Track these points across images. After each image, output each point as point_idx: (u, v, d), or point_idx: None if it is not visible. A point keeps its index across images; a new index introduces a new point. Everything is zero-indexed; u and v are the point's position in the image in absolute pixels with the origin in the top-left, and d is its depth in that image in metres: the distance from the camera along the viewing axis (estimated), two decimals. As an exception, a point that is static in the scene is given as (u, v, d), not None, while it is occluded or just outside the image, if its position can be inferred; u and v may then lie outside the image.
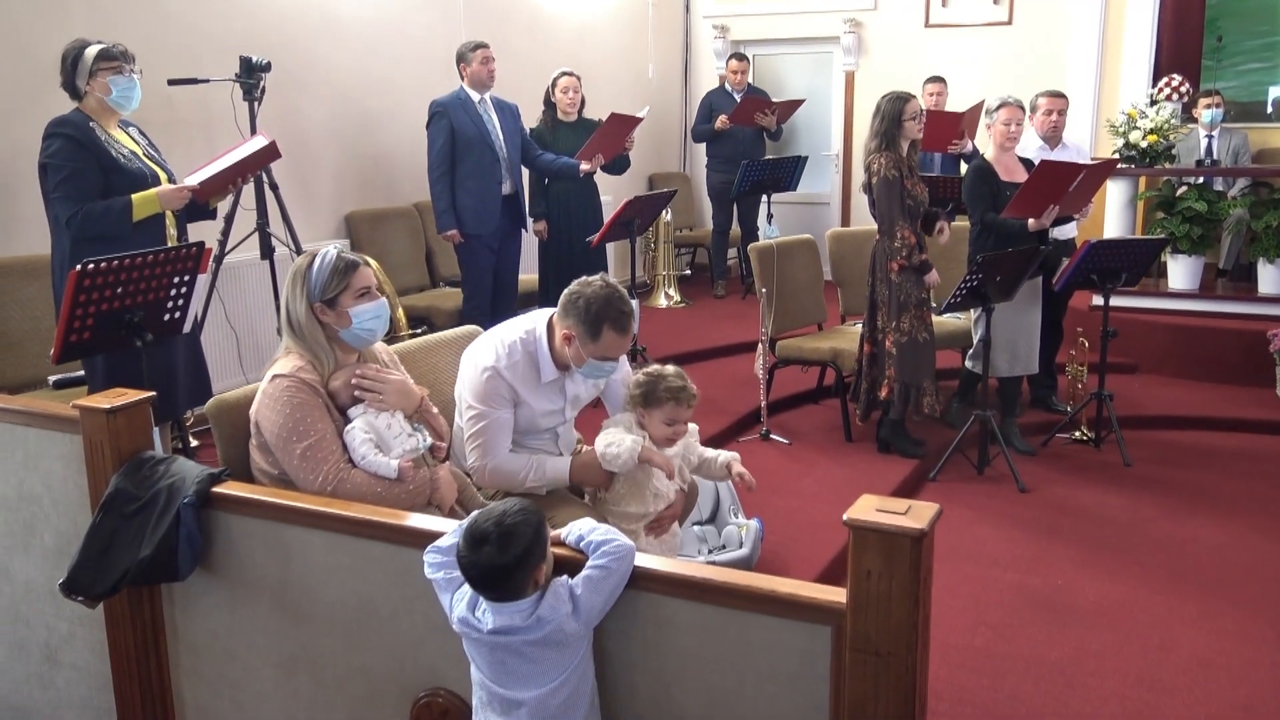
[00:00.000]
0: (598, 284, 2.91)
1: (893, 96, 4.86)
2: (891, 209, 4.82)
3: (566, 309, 2.92)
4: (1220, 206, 6.51)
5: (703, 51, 9.58)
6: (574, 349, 2.95)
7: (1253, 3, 8.60)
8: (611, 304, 2.88)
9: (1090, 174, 4.99)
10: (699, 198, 9.48)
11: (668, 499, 3.11)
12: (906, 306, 4.88)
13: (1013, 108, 5.24)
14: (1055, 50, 8.25)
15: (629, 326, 2.94)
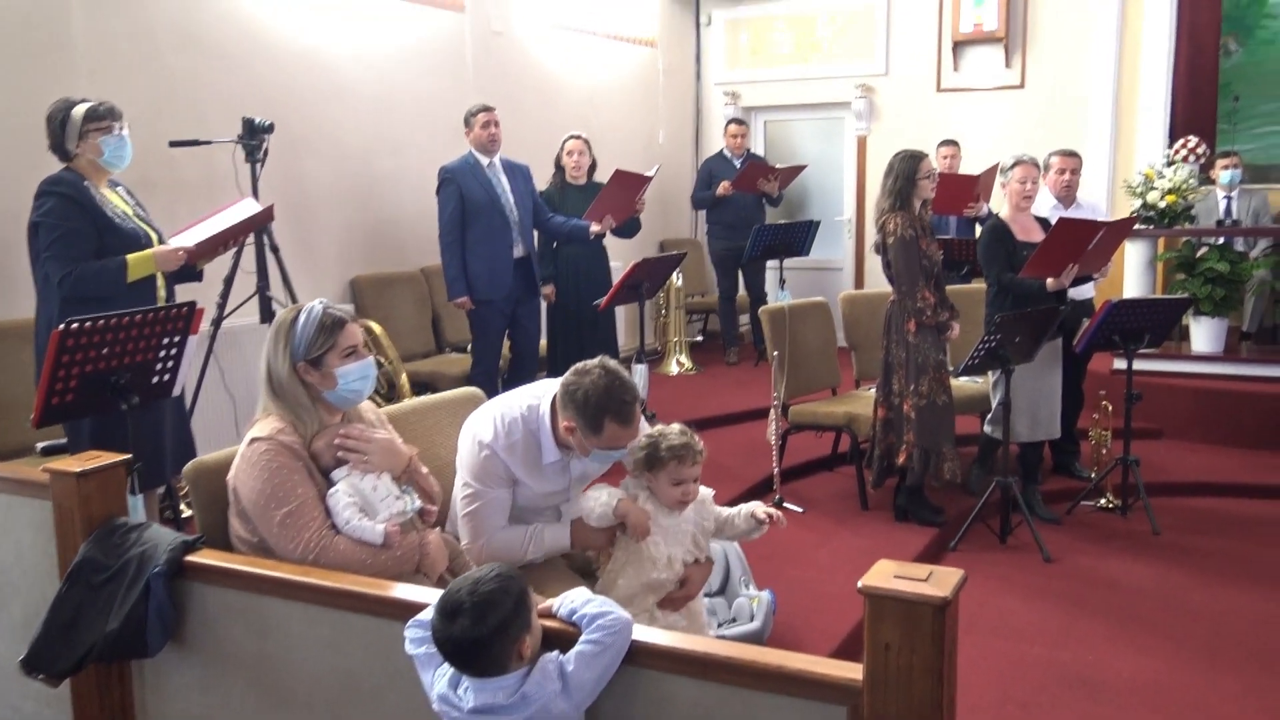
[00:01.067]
0: (596, 373, 2.75)
1: (906, 155, 4.78)
2: (910, 269, 4.71)
3: (565, 401, 2.77)
4: (1242, 267, 6.38)
5: (714, 117, 9.58)
6: (577, 439, 2.81)
7: (1268, 67, 8.57)
8: (612, 395, 2.72)
9: (1109, 232, 4.87)
10: (710, 264, 9.39)
11: (674, 569, 2.93)
12: (925, 369, 4.74)
13: (1028, 166, 5.14)
14: (1069, 112, 8.19)
15: (634, 415, 2.78)
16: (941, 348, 4.80)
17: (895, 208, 4.76)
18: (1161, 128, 7.87)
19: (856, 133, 9.13)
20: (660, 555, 2.91)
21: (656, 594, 2.90)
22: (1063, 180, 5.59)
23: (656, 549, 2.91)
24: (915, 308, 4.72)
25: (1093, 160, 7.94)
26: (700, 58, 9.62)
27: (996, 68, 8.54)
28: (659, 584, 2.90)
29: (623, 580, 2.89)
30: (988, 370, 4.93)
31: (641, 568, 2.88)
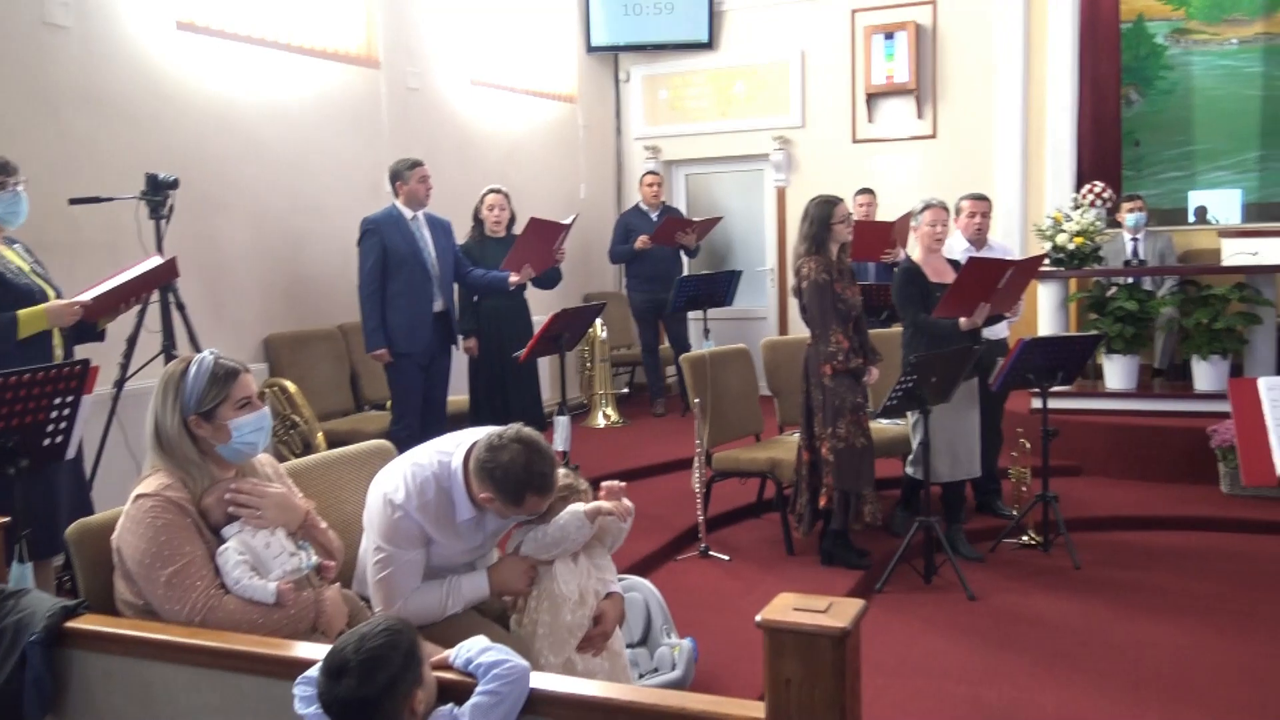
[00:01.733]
0: (514, 448, 2.67)
1: (820, 200, 4.82)
2: (824, 313, 4.73)
3: (481, 475, 2.70)
4: (1150, 306, 6.52)
5: (635, 171, 9.61)
6: (496, 507, 2.75)
7: (1168, 116, 8.89)
8: (531, 470, 2.67)
9: (1018, 270, 4.95)
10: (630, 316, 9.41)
11: (587, 605, 2.87)
12: (842, 411, 4.74)
13: (937, 209, 5.23)
14: (980, 159, 8.38)
15: (554, 482, 2.74)
16: (859, 390, 4.80)
17: (811, 252, 4.79)
18: (1068, 173, 8.09)
19: (776, 184, 9.24)
20: (571, 592, 2.86)
21: (575, 635, 2.85)
22: (973, 223, 5.69)
23: (566, 586, 2.86)
24: (829, 352, 4.73)
25: (1004, 204, 8.13)
26: (620, 113, 9.69)
27: (909, 118, 8.72)
28: (576, 624, 2.85)
29: (543, 629, 2.83)
30: (906, 411, 4.95)
31: (557, 611, 2.83)
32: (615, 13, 9.25)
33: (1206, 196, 8.80)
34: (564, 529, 2.87)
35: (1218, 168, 8.81)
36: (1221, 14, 8.72)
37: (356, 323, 5.76)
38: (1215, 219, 8.65)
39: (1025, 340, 4.99)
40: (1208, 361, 6.37)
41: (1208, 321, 6.30)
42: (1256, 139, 8.66)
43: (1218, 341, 6.31)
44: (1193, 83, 8.83)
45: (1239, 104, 8.70)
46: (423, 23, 7.28)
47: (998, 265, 4.93)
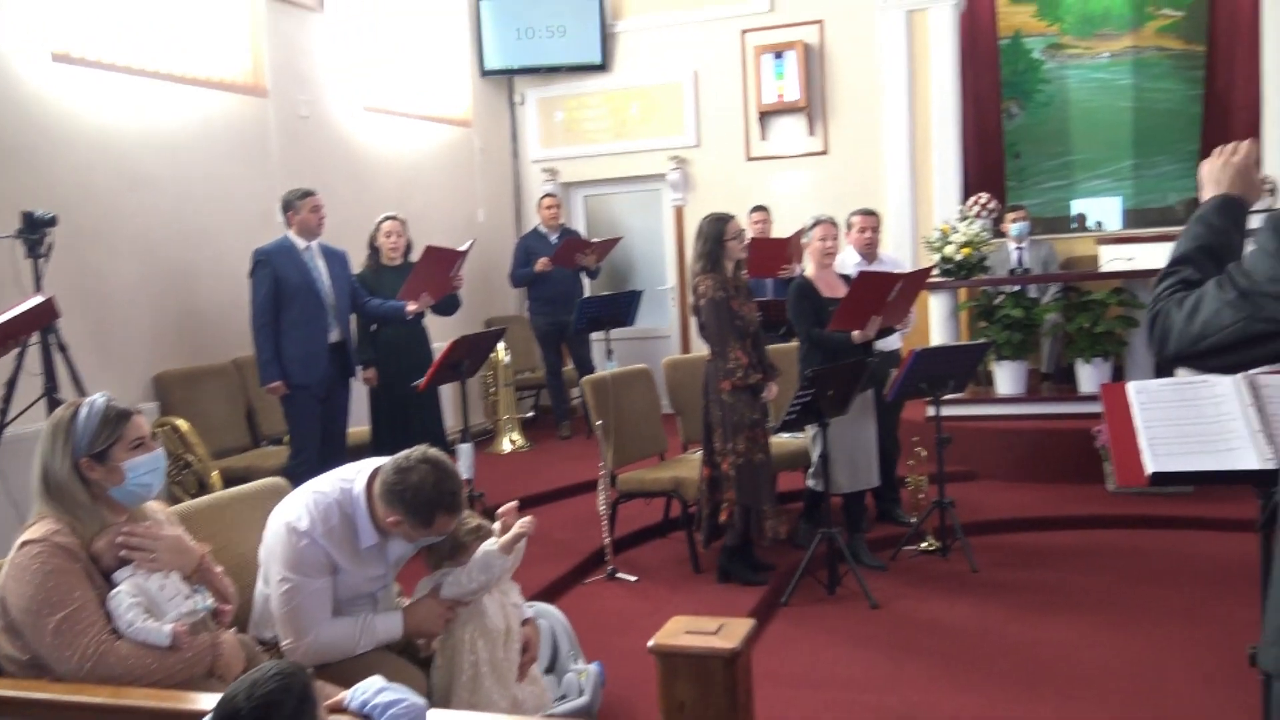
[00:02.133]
0: (422, 469, 2.70)
1: (712, 218, 4.90)
2: (721, 330, 4.80)
3: (391, 499, 2.71)
4: (1036, 313, 6.77)
5: (533, 194, 9.62)
6: (403, 530, 2.75)
7: (1047, 128, 9.25)
8: (441, 489, 2.70)
9: (907, 282, 5.10)
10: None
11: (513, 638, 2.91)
12: (741, 427, 4.82)
13: (827, 225, 5.36)
14: (870, 174, 8.61)
15: (462, 502, 2.77)
16: (758, 406, 4.88)
17: (706, 270, 4.86)
18: (955, 186, 8.36)
19: (673, 203, 9.36)
20: (499, 626, 2.89)
21: (515, 667, 2.89)
22: (864, 238, 5.85)
23: (496, 621, 2.88)
24: (727, 368, 4.80)
25: (894, 218, 8.36)
26: (516, 136, 9.71)
27: (801, 136, 8.92)
28: (512, 657, 2.89)
29: (485, 667, 2.85)
30: (805, 425, 5.05)
31: (494, 646, 2.86)
32: (508, 37, 9.28)
33: (1088, 205, 9.19)
34: (487, 565, 2.88)
35: (1095, 176, 9.19)
36: (1093, 29, 9.11)
37: (251, 356, 5.66)
38: (1097, 225, 9.02)
39: (917, 351, 5.14)
40: (1091, 364, 6.63)
41: (1089, 326, 6.56)
42: (1130, 148, 9.06)
43: (1099, 345, 6.57)
44: (1069, 95, 9.21)
45: (1112, 115, 9.10)
46: (312, 50, 7.20)
47: (887, 279, 5.07)
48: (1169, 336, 1.73)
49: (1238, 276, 1.69)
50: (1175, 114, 8.96)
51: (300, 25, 7.10)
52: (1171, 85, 8.98)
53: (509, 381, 8.13)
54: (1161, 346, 1.75)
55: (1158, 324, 1.76)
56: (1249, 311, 1.65)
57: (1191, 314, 1.71)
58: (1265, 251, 1.67)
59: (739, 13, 8.96)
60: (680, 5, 9.11)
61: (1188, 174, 8.85)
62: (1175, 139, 8.94)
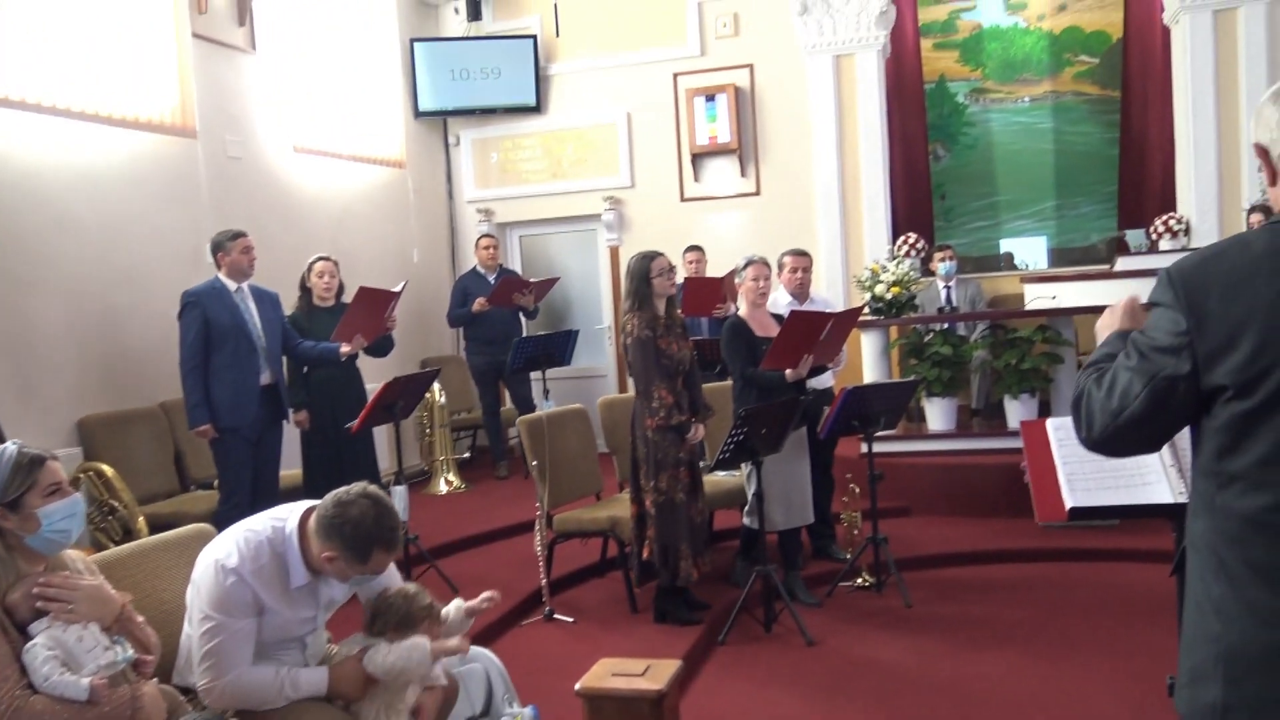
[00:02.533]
0: (362, 503, 2.70)
1: (639, 256, 4.93)
2: (646, 369, 4.82)
3: (328, 532, 2.69)
4: (964, 350, 6.90)
5: (468, 235, 9.64)
6: (338, 567, 2.72)
7: (972, 169, 9.48)
8: (381, 525, 2.69)
9: (838, 322, 5.17)
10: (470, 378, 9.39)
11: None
12: (664, 466, 4.83)
13: (759, 265, 5.42)
14: (802, 215, 8.75)
15: (399, 540, 2.77)
16: (682, 445, 4.87)
17: (635, 308, 4.88)
18: (884, 226, 8.53)
19: (608, 243, 9.42)
20: (410, 698, 2.86)
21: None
22: (795, 278, 5.93)
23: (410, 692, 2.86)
24: (652, 407, 4.81)
25: (825, 257, 8.50)
26: (451, 177, 9.72)
27: (733, 177, 9.04)
28: None
29: None
30: (740, 463, 5.08)
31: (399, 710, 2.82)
32: (442, 78, 9.31)
33: (1015, 244, 9.41)
34: (407, 659, 2.81)
35: (1020, 216, 9.43)
36: (1014, 74, 9.39)
37: (179, 399, 5.55)
38: (1024, 265, 9.23)
39: (849, 389, 5.20)
40: (1018, 400, 6.76)
41: (1016, 362, 6.70)
42: (1052, 189, 9.32)
43: (1026, 381, 6.71)
44: (993, 138, 9.46)
45: (1034, 157, 9.36)
46: (243, 90, 7.16)
47: (818, 318, 5.15)
48: (1093, 418, 1.76)
49: (1138, 339, 1.73)
50: (1093, 156, 9.24)
51: (230, 65, 7.05)
52: (1089, 129, 9.28)
53: (445, 423, 8.07)
54: (1088, 431, 1.78)
55: (1082, 407, 1.79)
56: (1153, 370, 1.69)
57: (1110, 390, 1.74)
58: (1159, 306, 1.71)
59: (671, 56, 9.09)
60: (613, 48, 9.22)
61: (1107, 214, 9.14)
62: (1094, 180, 9.22)
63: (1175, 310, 1.66)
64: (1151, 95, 8.78)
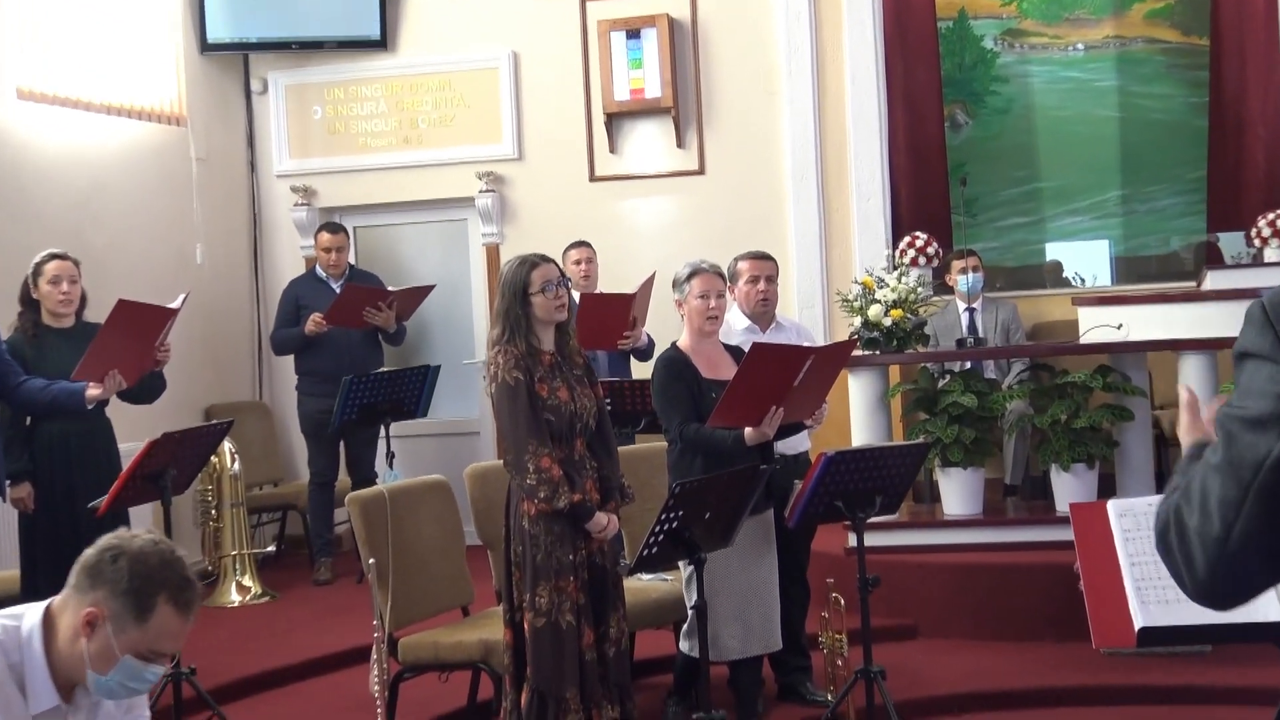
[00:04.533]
0: (142, 539, 2.71)
1: (516, 263, 4.87)
2: (517, 427, 4.74)
3: (94, 577, 2.66)
4: (994, 400, 6.96)
5: (279, 224, 9.54)
6: (99, 641, 2.66)
7: (1006, 142, 9.62)
8: (170, 567, 2.68)
9: (820, 359, 5.16)
10: (287, 435, 9.23)
11: None
12: (545, 573, 4.72)
13: (708, 276, 5.41)
14: (767, 205, 8.83)
15: (193, 604, 2.73)
16: (577, 541, 4.79)
17: (505, 339, 4.81)
18: (881, 222, 8.65)
19: (485, 240, 9.40)
20: None
21: None
22: (755, 292, 5.93)
23: None
24: (526, 484, 4.72)
25: (799, 267, 8.58)
26: (254, 139, 9.64)
27: (666, 148, 9.10)
28: None
29: None
30: (674, 562, 5.03)
31: None
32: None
33: (1066, 250, 9.57)
34: None
35: (1072, 211, 9.62)
36: (1062, 11, 9.61)
37: None
38: (1078, 279, 9.39)
39: (830, 455, 5.19)
40: (1070, 472, 6.83)
41: (1066, 419, 6.78)
42: (1116, 174, 9.52)
43: (1081, 445, 6.79)
44: (1033, 99, 9.67)
45: (1092, 128, 9.57)
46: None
47: (792, 354, 5.14)
48: (1192, 555, 1.71)
49: (1227, 417, 1.69)
50: (1173, 128, 9.47)
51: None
52: (1167, 89, 9.50)
53: (239, 500, 7.96)
54: (1190, 576, 1.72)
55: (1173, 542, 1.74)
56: (1252, 458, 1.64)
57: (1203, 507, 1.69)
58: (1251, 359, 1.68)
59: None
60: (496, -42, 9.27)
61: (1193, 210, 9.31)
62: (1175, 162, 9.43)
63: (1276, 362, 1.65)
64: (1252, 45, 8.97)
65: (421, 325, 9.49)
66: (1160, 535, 1.77)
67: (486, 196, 9.27)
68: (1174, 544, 1.73)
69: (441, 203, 9.49)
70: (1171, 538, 1.73)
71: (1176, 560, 1.74)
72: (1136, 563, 2.45)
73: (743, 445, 5.10)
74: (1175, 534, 1.73)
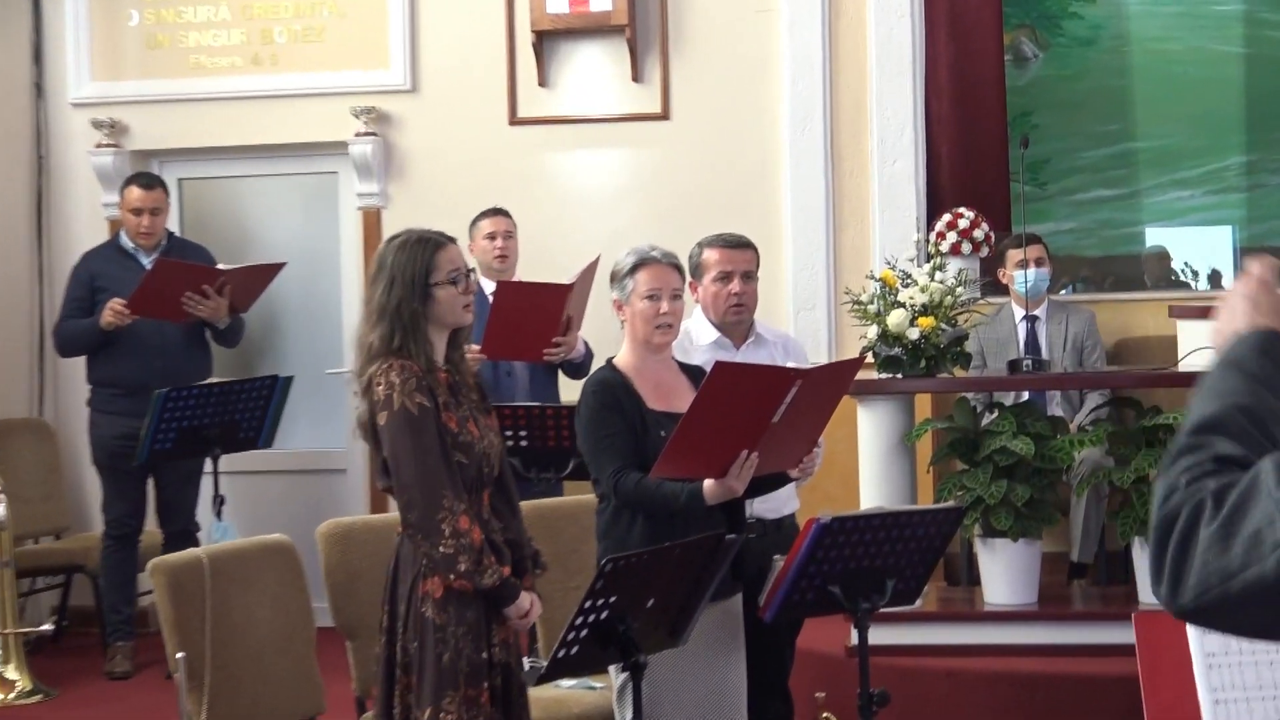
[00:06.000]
0: None
1: (413, 239, 4.87)
2: (426, 475, 4.74)
3: None
4: (1058, 446, 6.97)
5: (74, 172, 9.52)
6: None
7: (1086, 85, 9.62)
8: None
9: (812, 386, 5.13)
10: (75, 468, 9.22)
11: None
12: (453, 678, 4.75)
13: (659, 268, 5.36)
14: (752, 165, 8.86)
15: None
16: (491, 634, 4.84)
17: (390, 349, 4.82)
18: (913, 192, 8.68)
19: (361, 202, 9.41)
20: None
21: None
22: (727, 293, 5.92)
23: None
24: (439, 553, 4.74)
25: (795, 253, 8.61)
26: (41, 53, 9.64)
27: (617, 82, 9.13)
28: None
29: None
30: (600, 666, 5.04)
31: None
32: None
33: (1172, 237, 9.56)
34: None
35: (1178, 184, 9.62)
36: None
37: None
38: (1189, 274, 9.39)
39: (824, 521, 5.20)
40: (1160, 548, 6.88)
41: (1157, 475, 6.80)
42: (1240, 133, 9.52)
43: (1177, 512, 6.83)
44: (1128, 26, 9.67)
45: (1209, 68, 9.58)
46: None
47: (772, 377, 5.14)
48: (1184, 566, 1.80)
49: None
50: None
51: None
52: (1311, 18, 9.55)
53: (4, 560, 7.91)
54: (1172, 585, 1.82)
55: (1171, 545, 1.83)
56: None
57: (1230, 522, 1.77)
58: None
59: None
60: None
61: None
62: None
63: None
64: None
65: (268, 319, 9.49)
66: (1161, 522, 1.86)
67: (366, 142, 9.27)
68: (1172, 543, 1.83)
69: (302, 149, 9.53)
70: (1173, 536, 1.84)
71: (1165, 561, 1.84)
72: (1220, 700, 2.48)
73: (702, 504, 5.07)
74: (1179, 535, 1.83)
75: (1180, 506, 1.82)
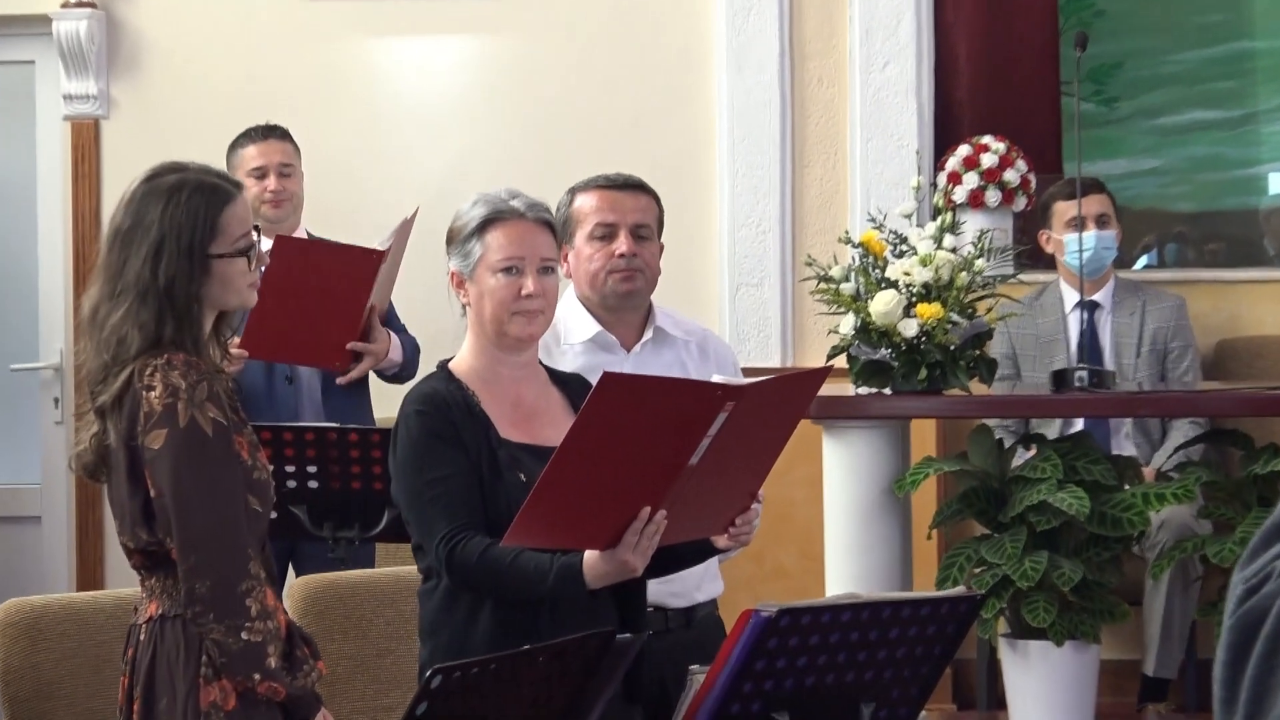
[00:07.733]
0: None
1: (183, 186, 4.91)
2: (224, 527, 4.81)
3: None
4: (1126, 503, 7.01)
5: None
6: None
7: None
8: None
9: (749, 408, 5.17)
10: None
11: None
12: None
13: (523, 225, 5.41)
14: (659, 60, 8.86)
15: None
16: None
17: (158, 339, 4.84)
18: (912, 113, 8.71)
19: (69, 110, 9.41)
20: None
21: None
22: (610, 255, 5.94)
23: None
24: (240, 645, 4.78)
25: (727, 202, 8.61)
26: None
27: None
28: None
29: None
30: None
31: None
32: None
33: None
34: None
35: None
36: None
37: None
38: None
39: (765, 614, 5.22)
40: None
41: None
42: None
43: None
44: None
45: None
46: None
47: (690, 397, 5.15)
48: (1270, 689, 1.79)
49: None
50: None
51: None
52: None
53: None
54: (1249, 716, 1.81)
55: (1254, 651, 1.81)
56: None
57: None
58: None
59: None
60: None
61: None
62: None
63: None
64: None
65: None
66: (1241, 623, 1.84)
67: (77, 16, 9.27)
68: (1255, 655, 1.82)
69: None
70: (1258, 644, 1.82)
71: (1241, 679, 1.82)
72: None
73: (581, 587, 5.12)
74: (1266, 642, 1.81)
75: (1272, 602, 1.81)
